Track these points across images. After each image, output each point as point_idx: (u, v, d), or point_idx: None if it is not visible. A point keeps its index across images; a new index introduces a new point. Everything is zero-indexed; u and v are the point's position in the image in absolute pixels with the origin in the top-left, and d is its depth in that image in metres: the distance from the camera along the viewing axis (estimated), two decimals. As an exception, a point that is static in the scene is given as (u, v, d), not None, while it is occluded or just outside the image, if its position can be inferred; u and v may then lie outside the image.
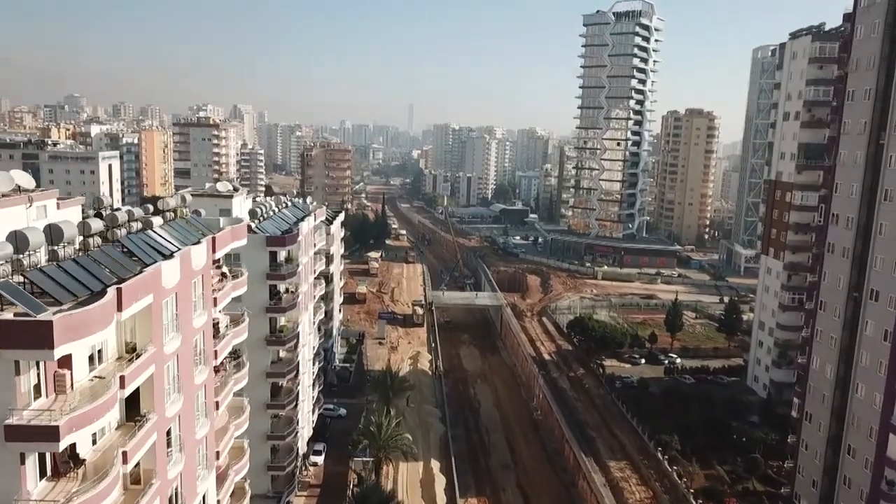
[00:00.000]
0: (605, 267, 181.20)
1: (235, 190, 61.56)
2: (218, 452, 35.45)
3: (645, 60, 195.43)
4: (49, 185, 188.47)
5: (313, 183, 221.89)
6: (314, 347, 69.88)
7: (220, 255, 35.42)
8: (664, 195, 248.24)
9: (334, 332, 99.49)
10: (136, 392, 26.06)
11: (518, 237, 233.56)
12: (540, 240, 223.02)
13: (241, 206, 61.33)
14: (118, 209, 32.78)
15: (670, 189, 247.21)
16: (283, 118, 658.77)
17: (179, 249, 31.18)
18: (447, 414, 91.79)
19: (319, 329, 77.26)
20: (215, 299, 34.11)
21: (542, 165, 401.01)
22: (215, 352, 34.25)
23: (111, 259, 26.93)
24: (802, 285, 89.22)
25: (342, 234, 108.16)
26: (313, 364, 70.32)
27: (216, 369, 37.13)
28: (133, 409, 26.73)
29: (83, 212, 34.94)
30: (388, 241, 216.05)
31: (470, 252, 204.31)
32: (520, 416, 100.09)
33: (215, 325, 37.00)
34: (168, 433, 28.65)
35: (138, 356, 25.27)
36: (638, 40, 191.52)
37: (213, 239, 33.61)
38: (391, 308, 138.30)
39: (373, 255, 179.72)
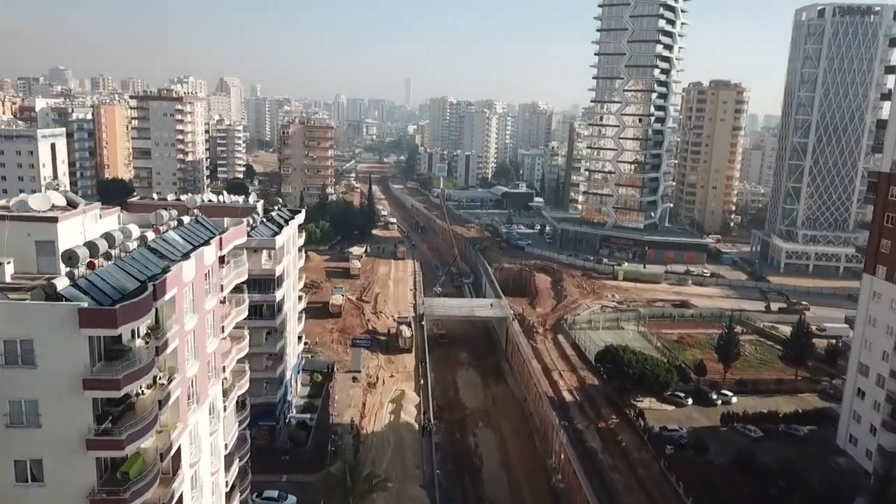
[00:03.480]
0: (626, 265, 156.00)
1: (71, 206, 36.11)
2: None
3: (672, 22, 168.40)
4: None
5: (291, 164, 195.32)
6: (228, 445, 44.91)
7: None
8: (685, 177, 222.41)
9: (287, 374, 74.65)
10: None
11: (523, 226, 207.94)
12: (548, 228, 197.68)
13: (82, 231, 36.00)
14: None
15: (692, 171, 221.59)
16: (277, 93, 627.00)
17: None
18: (438, 494, 67.16)
19: (252, 394, 52.31)
20: None
21: (545, 142, 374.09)
22: None
23: None
24: (931, 320, 64.67)
25: (301, 240, 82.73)
26: (229, 468, 45.43)
27: None
28: None
29: None
30: (375, 232, 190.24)
31: (469, 244, 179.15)
32: (535, 480, 75.76)
33: None
34: None
35: None
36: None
37: None
38: (372, 323, 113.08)
39: (355, 250, 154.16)
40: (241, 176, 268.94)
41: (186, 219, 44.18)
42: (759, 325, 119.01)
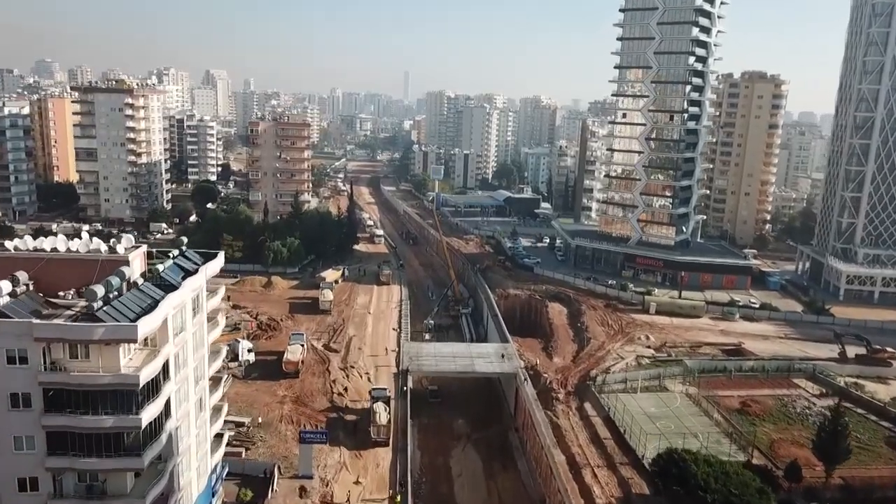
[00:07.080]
0: (657, 292, 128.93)
1: None
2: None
3: (711, 1, 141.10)
4: None
5: (261, 167, 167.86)
6: None
7: None
8: (713, 182, 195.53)
9: (184, 519, 47.67)
10: None
11: (532, 240, 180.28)
12: (558, 242, 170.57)
13: None
14: None
15: (721, 175, 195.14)
16: (271, 87, 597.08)
17: None
18: None
19: None
20: None
21: (550, 140, 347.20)
22: None
23: None
24: None
25: (219, 297, 55.64)
26: None
27: None
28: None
29: None
30: (358, 247, 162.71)
31: (467, 262, 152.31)
32: None
33: None
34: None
35: None
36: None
37: None
38: (340, 386, 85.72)
39: (329, 275, 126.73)
40: (213, 178, 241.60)
41: None
42: (840, 384, 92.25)
